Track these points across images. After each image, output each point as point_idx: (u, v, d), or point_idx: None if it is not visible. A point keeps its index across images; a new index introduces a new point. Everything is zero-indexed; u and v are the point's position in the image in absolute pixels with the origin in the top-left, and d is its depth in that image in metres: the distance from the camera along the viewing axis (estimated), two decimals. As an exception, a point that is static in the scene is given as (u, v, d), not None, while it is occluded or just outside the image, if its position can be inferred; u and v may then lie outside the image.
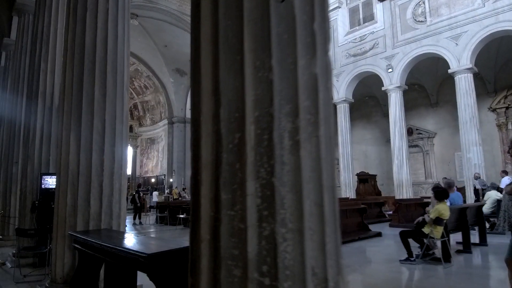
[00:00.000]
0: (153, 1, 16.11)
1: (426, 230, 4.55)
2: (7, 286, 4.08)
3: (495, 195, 7.64)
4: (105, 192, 3.21)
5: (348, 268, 4.37)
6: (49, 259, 4.19)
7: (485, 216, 6.73)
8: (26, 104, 6.16)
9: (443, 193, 4.65)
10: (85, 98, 3.23)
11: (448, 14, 13.32)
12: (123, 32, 3.49)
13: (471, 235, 5.69)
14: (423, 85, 17.48)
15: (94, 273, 2.82)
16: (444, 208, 4.52)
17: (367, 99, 19.25)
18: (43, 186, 5.12)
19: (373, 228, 8.00)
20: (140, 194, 13.12)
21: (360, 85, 16.27)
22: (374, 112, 19.67)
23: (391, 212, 10.73)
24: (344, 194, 15.11)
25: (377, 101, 19.08)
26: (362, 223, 7.79)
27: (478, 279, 4.19)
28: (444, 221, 4.50)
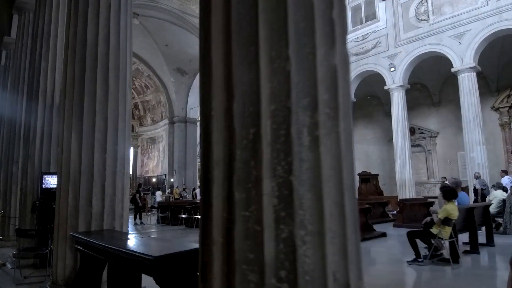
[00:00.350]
0: (154, 0, 16.03)
1: (435, 230, 4.46)
2: (8, 287, 4.00)
3: (501, 195, 7.56)
4: (107, 191, 3.13)
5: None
6: (50, 260, 4.12)
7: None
8: (26, 103, 6.09)
9: (451, 192, 4.55)
10: (87, 96, 3.15)
11: (451, 12, 13.23)
12: (125, 28, 3.41)
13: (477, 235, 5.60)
14: (425, 84, 17.39)
15: (97, 275, 2.74)
16: (452, 208, 4.43)
17: (369, 98, 19.17)
18: (43, 185, 5.05)
19: (377, 228, 7.90)
20: (141, 194, 13.05)
21: (362, 84, 16.18)
22: (376, 111, 19.58)
23: (394, 212, 10.64)
24: (346, 194, 14.99)
25: (379, 100, 18.99)
26: (367, 223, 7.70)
27: (488, 280, 4.10)
28: (452, 221, 4.42)
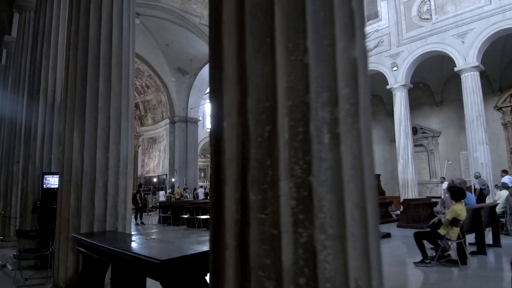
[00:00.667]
0: (155, -1, 15.97)
1: (442, 231, 4.38)
2: (8, 289, 3.93)
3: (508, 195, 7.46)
4: (110, 191, 3.05)
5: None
6: (51, 261, 4.05)
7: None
8: (27, 102, 6.02)
9: (460, 192, 4.47)
10: (89, 94, 3.08)
11: (454, 11, 13.14)
12: (128, 24, 3.33)
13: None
14: (428, 83, 17.30)
15: (99, 277, 2.67)
16: (461, 209, 4.35)
17: (371, 97, 19.01)
18: (44, 186, 4.98)
19: (380, 229, 7.82)
20: (141, 194, 12.97)
21: (364, 83, 16.08)
22: (378, 111, 19.50)
23: (398, 212, 10.56)
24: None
25: (381, 100, 18.90)
26: (370, 223, 7.60)
27: (497, 282, 4.02)
28: (460, 222, 4.34)
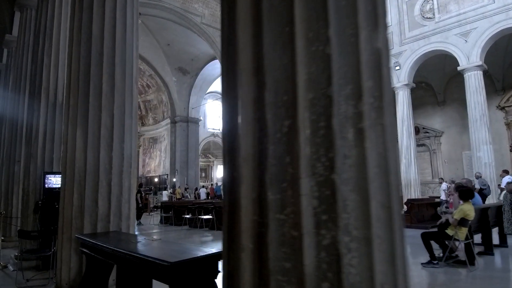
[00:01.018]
0: (156, -2, 15.90)
1: (451, 231, 4.31)
2: (9, 290, 3.87)
3: (512, 195, 7.39)
4: (113, 191, 2.99)
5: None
6: (53, 262, 3.98)
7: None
8: (28, 101, 5.96)
9: (468, 192, 4.40)
10: (92, 91, 3.02)
11: (457, 10, 13.07)
12: (132, 20, 3.26)
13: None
14: (430, 83, 17.22)
15: (103, 279, 2.61)
16: (469, 209, 4.28)
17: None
18: (46, 185, 4.91)
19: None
20: (142, 194, 12.89)
21: (366, 83, 16.01)
22: (379, 110, 19.40)
23: (401, 212, 10.47)
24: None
25: (383, 99, 18.80)
26: (374, 223, 7.54)
27: (507, 283, 3.96)
28: (469, 222, 4.27)
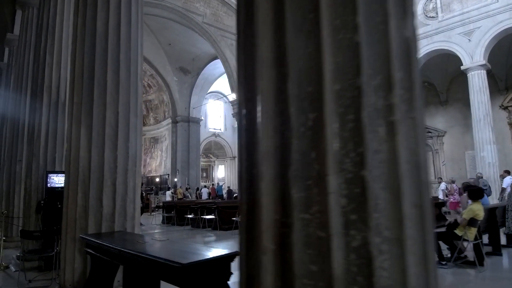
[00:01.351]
0: (158, -3, 15.85)
1: (460, 232, 4.24)
2: (11, 291, 3.81)
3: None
4: (118, 190, 2.92)
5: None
6: (56, 262, 3.92)
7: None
8: (30, 100, 5.90)
9: (478, 192, 4.32)
10: (96, 89, 2.95)
11: (460, 9, 13.01)
12: (137, 16, 3.20)
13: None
14: (433, 82, 17.16)
15: (109, 280, 2.54)
16: (479, 208, 4.20)
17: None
18: (49, 185, 4.85)
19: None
20: (143, 194, 12.83)
21: (368, 82, 15.94)
22: (381, 110, 19.33)
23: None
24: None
25: (385, 99, 18.74)
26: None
27: (516, 285, 3.88)
28: (478, 222, 4.20)
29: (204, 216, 9.39)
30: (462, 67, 12.70)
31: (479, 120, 12.09)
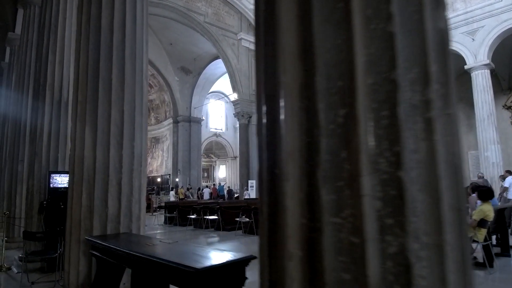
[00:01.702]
0: (160, -3, 15.80)
1: (469, 233, 4.17)
2: (14, 293, 3.75)
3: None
4: (124, 191, 2.86)
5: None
6: (59, 264, 3.86)
7: None
8: (32, 99, 5.84)
9: (488, 192, 4.25)
10: (101, 86, 2.89)
11: (464, 8, 12.94)
12: (142, 13, 3.14)
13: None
14: (435, 82, 17.08)
15: (115, 283, 2.48)
16: (489, 209, 4.13)
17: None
18: (51, 185, 4.79)
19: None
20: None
21: (371, 82, 15.88)
22: (384, 110, 19.28)
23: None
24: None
25: (387, 99, 18.68)
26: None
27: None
28: (488, 223, 4.13)
29: (207, 217, 9.32)
30: (466, 67, 12.63)
31: (483, 119, 12.01)
